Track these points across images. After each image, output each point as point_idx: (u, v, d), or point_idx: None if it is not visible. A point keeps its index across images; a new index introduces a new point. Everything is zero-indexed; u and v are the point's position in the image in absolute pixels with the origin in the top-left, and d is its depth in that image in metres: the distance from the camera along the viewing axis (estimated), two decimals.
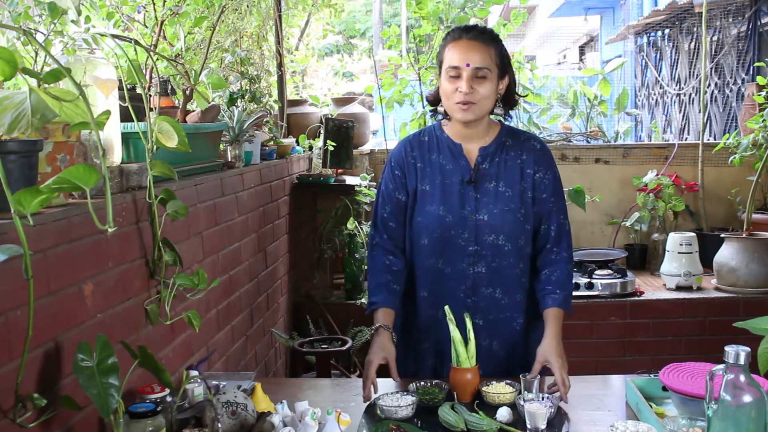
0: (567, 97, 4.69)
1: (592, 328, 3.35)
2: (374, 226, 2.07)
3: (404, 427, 1.59)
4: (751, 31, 5.06)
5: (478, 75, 1.90)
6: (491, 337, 2.01)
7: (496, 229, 1.97)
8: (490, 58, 1.92)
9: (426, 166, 2.02)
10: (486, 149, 2.01)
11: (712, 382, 1.25)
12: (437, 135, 2.05)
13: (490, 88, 1.92)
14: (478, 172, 1.99)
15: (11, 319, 1.13)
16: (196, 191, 2.00)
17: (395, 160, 2.07)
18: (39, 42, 1.23)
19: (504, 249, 1.98)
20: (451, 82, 1.92)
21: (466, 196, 1.98)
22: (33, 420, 1.16)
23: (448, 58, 1.94)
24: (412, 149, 2.05)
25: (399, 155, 2.06)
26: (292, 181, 3.34)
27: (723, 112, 5.49)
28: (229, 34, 2.87)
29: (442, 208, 1.98)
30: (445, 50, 1.97)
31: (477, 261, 1.98)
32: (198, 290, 1.79)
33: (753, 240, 3.37)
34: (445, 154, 2.02)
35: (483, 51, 1.91)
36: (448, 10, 3.78)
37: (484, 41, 1.93)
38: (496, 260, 1.98)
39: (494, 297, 2.00)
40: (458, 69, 1.90)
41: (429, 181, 2.01)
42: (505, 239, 1.98)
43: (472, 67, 1.89)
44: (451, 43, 1.95)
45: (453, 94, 1.92)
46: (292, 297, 3.30)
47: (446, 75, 1.94)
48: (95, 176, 1.13)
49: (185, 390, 1.52)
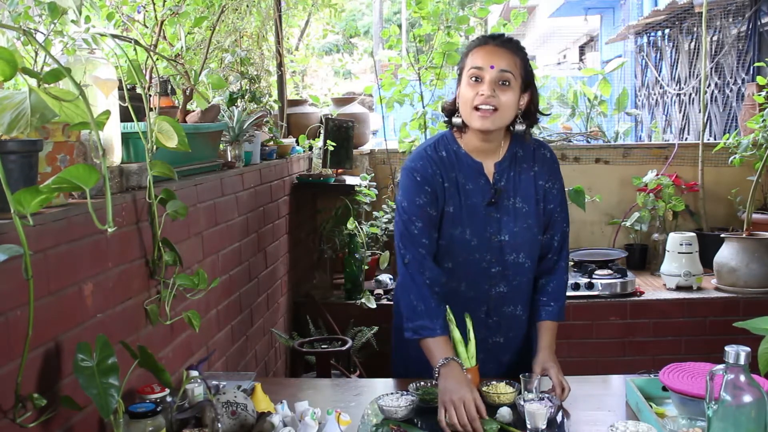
0: (567, 97, 4.69)
1: (592, 328, 3.35)
2: (404, 245, 1.88)
3: (404, 427, 1.59)
4: (751, 31, 5.06)
5: (501, 80, 1.81)
6: (510, 353, 2.01)
7: (517, 248, 1.92)
8: (515, 66, 1.83)
9: (451, 185, 1.91)
10: (501, 164, 1.93)
11: (712, 382, 1.25)
12: (455, 150, 1.93)
13: (512, 97, 1.83)
14: (497, 191, 1.91)
15: (11, 319, 1.13)
16: (196, 191, 2.00)
17: (422, 176, 1.89)
18: (39, 42, 1.23)
19: (524, 266, 1.95)
20: (472, 86, 1.82)
21: (488, 217, 1.91)
22: (33, 420, 1.16)
23: (471, 61, 1.84)
24: (437, 167, 1.91)
25: (425, 171, 1.90)
26: (292, 181, 3.34)
27: (723, 112, 5.49)
28: (229, 34, 2.87)
29: (468, 231, 1.90)
30: (468, 56, 1.88)
31: (499, 281, 1.94)
32: (198, 290, 1.79)
33: (753, 240, 3.37)
34: (466, 174, 1.92)
35: (509, 57, 1.83)
36: (448, 10, 3.78)
37: (511, 48, 1.86)
38: (516, 278, 1.95)
39: (515, 315, 1.99)
40: (481, 70, 1.81)
41: (453, 202, 1.90)
42: (525, 257, 1.95)
43: (497, 69, 1.80)
44: (476, 48, 1.86)
45: (473, 99, 1.81)
46: (292, 297, 3.30)
47: (467, 79, 1.84)
48: (95, 176, 1.12)
49: (185, 390, 1.52)
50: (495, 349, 2.00)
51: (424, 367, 1.95)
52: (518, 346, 2.04)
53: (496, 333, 1.97)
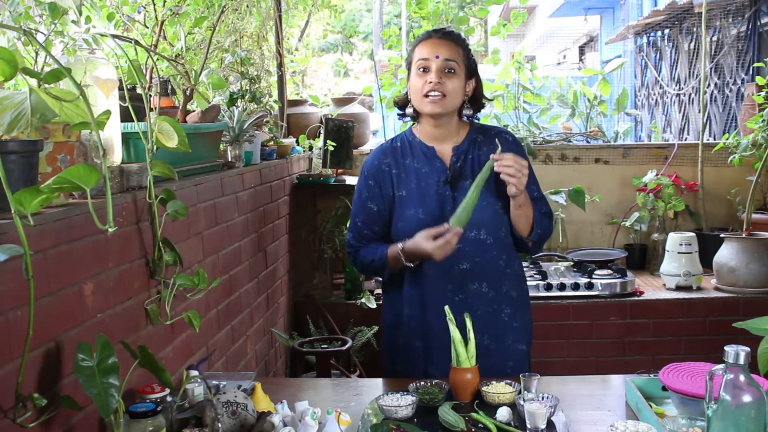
0: (567, 97, 4.68)
1: (592, 328, 3.35)
2: (350, 232, 2.15)
3: (404, 427, 1.59)
4: (751, 31, 5.06)
5: (446, 68, 1.97)
6: (482, 332, 2.01)
7: (478, 225, 2.00)
8: (459, 55, 2.00)
9: (401, 171, 2.08)
10: (459, 148, 2.07)
11: (711, 382, 1.25)
12: (410, 140, 2.11)
13: (458, 83, 2.00)
14: (453, 171, 2.03)
15: (11, 319, 1.13)
16: (196, 191, 2.00)
17: (368, 170, 2.10)
18: (39, 42, 1.23)
19: (486, 243, 2.02)
20: (420, 76, 1.99)
21: (443, 196, 2.02)
22: (33, 420, 1.16)
23: (418, 53, 2.01)
24: (386, 156, 2.09)
25: (372, 164, 2.10)
26: (292, 181, 3.34)
27: (723, 112, 5.49)
28: (229, 34, 2.87)
29: (420, 211, 2.02)
30: (414, 50, 2.05)
31: (461, 258, 2.00)
32: (198, 290, 1.79)
33: (753, 240, 3.37)
34: (419, 158, 2.07)
35: (452, 47, 2.00)
36: (448, 10, 3.78)
37: (453, 40, 2.02)
38: (479, 255, 2.02)
39: (481, 291, 2.03)
40: (428, 61, 1.98)
41: (405, 186, 2.05)
42: (487, 233, 2.02)
43: (442, 58, 1.97)
44: (422, 41, 2.03)
45: (423, 87, 1.98)
46: (292, 297, 3.30)
47: (416, 71, 2.01)
48: (95, 176, 1.13)
49: (185, 390, 1.52)
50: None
51: (415, 366, 2.04)
52: (493, 330, 2.04)
53: (463, 310, 1.97)
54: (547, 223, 2.12)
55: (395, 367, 2.11)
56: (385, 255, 2.03)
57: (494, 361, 2.00)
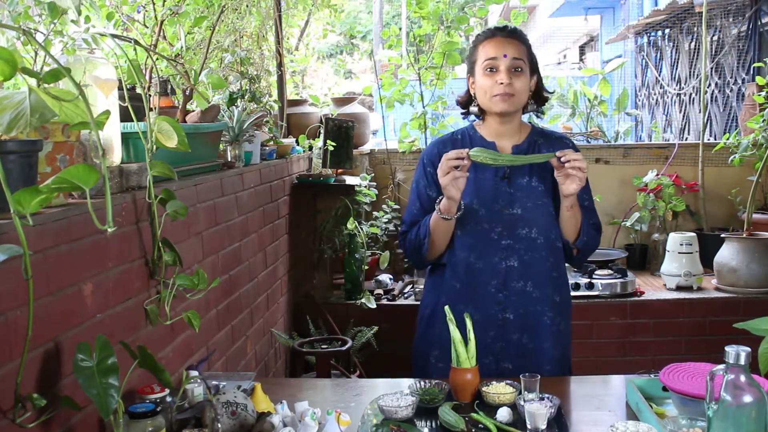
0: (567, 97, 4.68)
1: (592, 328, 3.35)
2: (404, 223, 2.14)
3: (404, 427, 1.59)
4: (752, 30, 5.06)
5: (514, 67, 1.98)
6: (521, 331, 2.03)
7: (530, 223, 2.01)
8: (524, 53, 2.01)
9: None
10: (518, 147, 2.08)
11: (712, 383, 1.25)
12: (470, 134, 2.12)
13: (525, 81, 2.01)
14: (512, 168, 2.02)
15: (11, 319, 1.13)
16: (196, 191, 2.00)
17: (427, 158, 2.11)
18: (39, 42, 1.23)
19: (537, 242, 2.02)
20: (488, 76, 1.99)
21: (499, 191, 2.03)
22: (33, 420, 1.16)
23: (484, 53, 2.00)
24: (445, 146, 2.08)
25: (432, 152, 2.11)
26: (292, 181, 3.34)
27: (723, 112, 5.49)
28: (228, 34, 2.87)
29: (475, 201, 2.02)
30: (477, 49, 2.04)
31: (510, 255, 2.01)
32: (198, 290, 1.79)
33: (753, 240, 3.37)
34: None
35: (518, 45, 2.01)
36: (448, 10, 3.78)
37: (518, 38, 2.03)
38: (528, 253, 2.02)
39: (525, 290, 2.03)
40: (496, 60, 1.98)
41: None
42: (538, 232, 2.02)
43: (510, 57, 1.97)
44: (485, 40, 2.03)
45: (492, 87, 1.98)
46: (292, 297, 3.30)
47: (482, 70, 2.00)
48: (95, 176, 1.12)
49: (185, 390, 1.52)
50: (505, 326, 2.02)
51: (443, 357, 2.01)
52: (533, 330, 2.03)
53: (506, 308, 2.00)
54: (595, 235, 2.12)
55: (427, 358, 2.09)
56: (428, 220, 2.04)
57: (531, 362, 2.00)
